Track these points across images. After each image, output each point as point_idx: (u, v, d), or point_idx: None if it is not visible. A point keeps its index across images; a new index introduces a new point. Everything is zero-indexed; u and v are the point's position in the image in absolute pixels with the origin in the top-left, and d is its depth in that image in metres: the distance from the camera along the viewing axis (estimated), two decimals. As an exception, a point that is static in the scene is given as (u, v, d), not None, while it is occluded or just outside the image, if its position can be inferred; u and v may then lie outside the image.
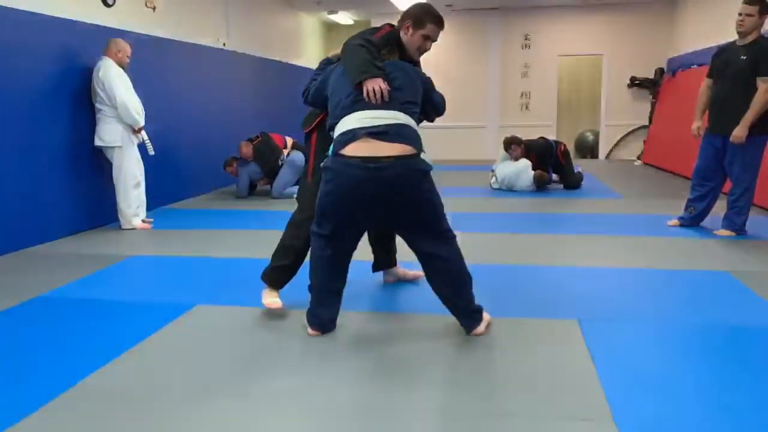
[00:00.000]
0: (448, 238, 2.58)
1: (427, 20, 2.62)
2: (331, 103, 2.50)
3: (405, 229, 2.56)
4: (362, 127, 2.34)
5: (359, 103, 2.40)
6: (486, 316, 2.70)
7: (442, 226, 2.56)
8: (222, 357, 2.51)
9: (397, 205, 2.44)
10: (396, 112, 2.40)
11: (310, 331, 2.67)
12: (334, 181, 2.42)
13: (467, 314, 2.65)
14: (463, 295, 2.61)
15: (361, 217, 2.53)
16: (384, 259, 3.39)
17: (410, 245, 2.60)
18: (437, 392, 2.18)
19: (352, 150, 2.34)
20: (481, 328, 2.66)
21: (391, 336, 2.71)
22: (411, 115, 2.47)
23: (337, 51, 2.79)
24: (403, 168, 2.36)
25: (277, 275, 2.97)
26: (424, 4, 2.71)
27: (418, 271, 3.44)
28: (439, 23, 2.64)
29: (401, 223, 2.54)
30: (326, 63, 2.87)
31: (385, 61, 2.55)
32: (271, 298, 2.94)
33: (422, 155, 2.44)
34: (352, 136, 2.34)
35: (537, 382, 2.24)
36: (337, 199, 2.44)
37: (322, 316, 2.66)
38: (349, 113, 2.39)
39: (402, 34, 2.68)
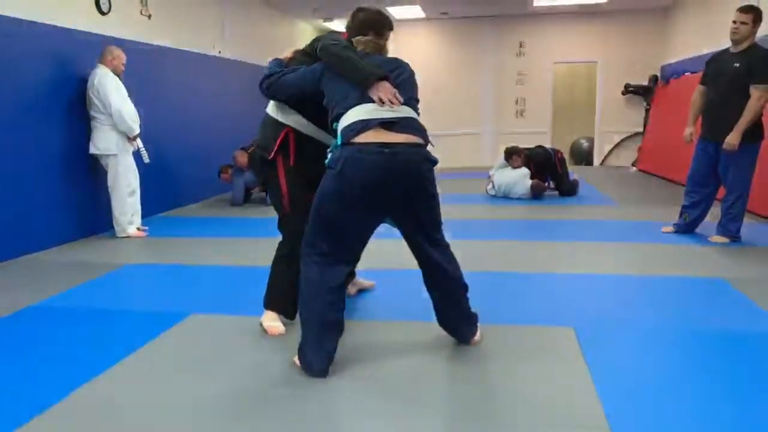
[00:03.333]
0: (446, 244, 2.55)
1: (386, 29, 2.67)
2: (338, 94, 2.41)
3: (412, 224, 2.45)
4: (374, 118, 2.30)
5: (368, 96, 2.36)
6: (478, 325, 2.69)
7: (440, 232, 2.53)
8: (216, 368, 2.50)
9: (408, 194, 2.35)
10: (403, 105, 2.39)
11: (310, 375, 2.36)
12: (346, 172, 2.25)
13: (466, 321, 2.63)
14: (462, 303, 2.60)
15: (370, 212, 2.37)
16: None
17: (414, 246, 2.50)
18: (433, 405, 2.18)
19: (366, 137, 2.28)
20: (477, 336, 2.66)
21: (382, 347, 2.68)
22: (414, 109, 2.46)
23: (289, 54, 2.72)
24: (414, 155, 2.33)
25: (280, 305, 2.85)
26: (377, 11, 2.70)
27: (370, 282, 3.43)
28: (392, 29, 2.70)
29: (409, 217, 2.42)
30: (279, 63, 2.71)
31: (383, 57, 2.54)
32: (272, 322, 2.84)
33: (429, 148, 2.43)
34: (364, 125, 2.29)
35: (534, 391, 2.23)
36: (347, 193, 2.27)
37: (324, 357, 2.36)
38: (359, 104, 2.34)
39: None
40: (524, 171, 6.99)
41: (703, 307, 3.17)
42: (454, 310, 2.60)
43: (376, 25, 2.63)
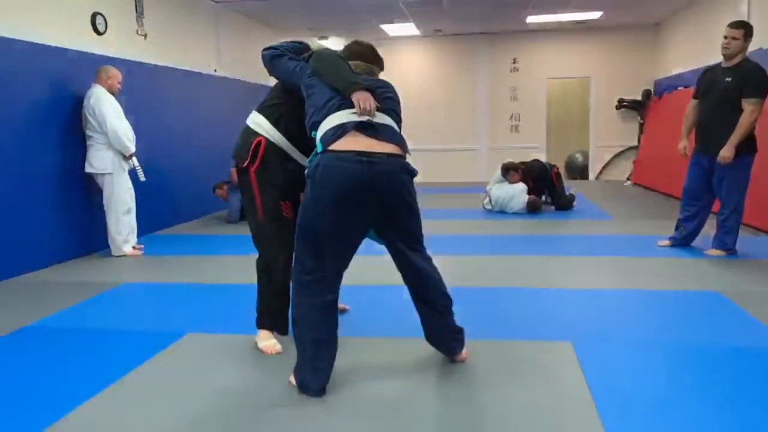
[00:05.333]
0: (429, 257, 2.53)
1: (377, 65, 2.71)
2: (319, 101, 2.41)
3: (393, 234, 2.42)
4: (351, 121, 2.30)
5: (348, 102, 2.36)
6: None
7: (422, 243, 2.50)
8: (213, 388, 2.47)
9: (387, 205, 2.33)
10: (383, 115, 2.40)
11: (307, 394, 2.34)
12: (324, 180, 2.23)
13: (453, 335, 2.59)
14: (448, 315, 2.56)
15: (349, 221, 2.31)
16: None
17: (397, 257, 2.47)
18: (434, 421, 2.16)
19: (343, 144, 2.26)
20: (464, 351, 2.62)
21: (380, 365, 2.65)
22: (395, 122, 2.46)
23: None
24: (393, 165, 2.30)
25: (269, 322, 2.86)
26: (371, 48, 2.75)
27: (343, 306, 3.27)
28: (383, 68, 2.76)
29: (389, 227, 2.40)
30: (293, 45, 2.80)
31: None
32: (267, 341, 2.83)
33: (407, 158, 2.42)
34: (341, 130, 2.28)
35: (532, 406, 2.22)
36: (328, 202, 2.24)
37: (320, 376, 2.35)
38: (337, 111, 2.35)
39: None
40: (521, 186, 6.99)
41: (701, 321, 3.17)
42: (440, 322, 2.56)
43: (369, 59, 2.68)
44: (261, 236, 2.79)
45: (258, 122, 2.77)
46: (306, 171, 2.35)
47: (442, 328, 2.58)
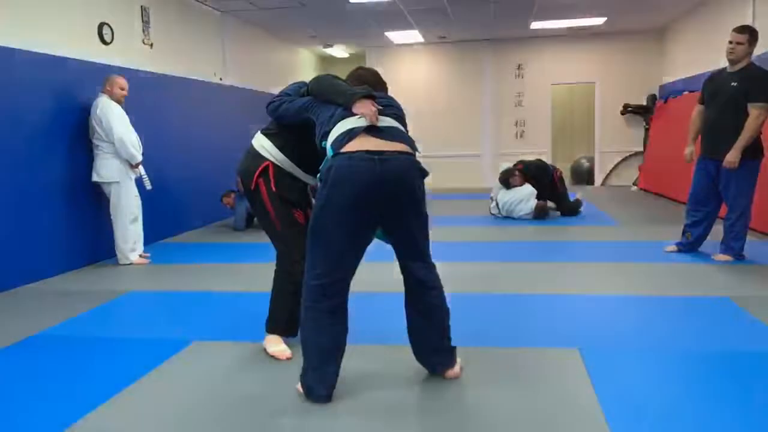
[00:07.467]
0: (433, 264, 2.50)
1: (381, 90, 2.73)
2: (325, 116, 2.47)
3: (401, 233, 2.40)
4: (360, 126, 2.32)
5: (352, 113, 2.40)
6: (458, 359, 2.57)
7: (428, 249, 2.48)
8: (218, 396, 2.47)
9: (398, 203, 2.32)
10: (389, 118, 2.42)
11: (312, 401, 2.34)
12: (336, 179, 2.23)
13: (443, 351, 2.52)
14: (445, 331, 2.50)
15: (363, 222, 2.32)
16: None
17: (403, 261, 2.44)
18: (440, 429, 2.15)
19: (354, 146, 2.27)
20: (456, 369, 2.53)
21: (385, 372, 2.64)
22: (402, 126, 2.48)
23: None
24: (404, 162, 2.31)
25: (280, 325, 2.87)
26: (374, 72, 2.81)
27: None
28: (386, 91, 2.79)
29: (399, 225, 2.38)
30: (297, 88, 2.85)
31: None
32: (277, 346, 2.84)
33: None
34: (351, 134, 2.30)
35: (538, 415, 2.20)
36: (341, 201, 2.24)
37: (326, 382, 2.34)
38: (343, 119, 2.38)
39: None
40: (530, 189, 6.97)
41: (709, 327, 3.15)
42: (434, 333, 2.49)
43: (373, 83, 2.71)
44: (283, 242, 2.83)
45: (264, 146, 2.82)
46: (318, 175, 2.36)
47: (435, 339, 2.50)
